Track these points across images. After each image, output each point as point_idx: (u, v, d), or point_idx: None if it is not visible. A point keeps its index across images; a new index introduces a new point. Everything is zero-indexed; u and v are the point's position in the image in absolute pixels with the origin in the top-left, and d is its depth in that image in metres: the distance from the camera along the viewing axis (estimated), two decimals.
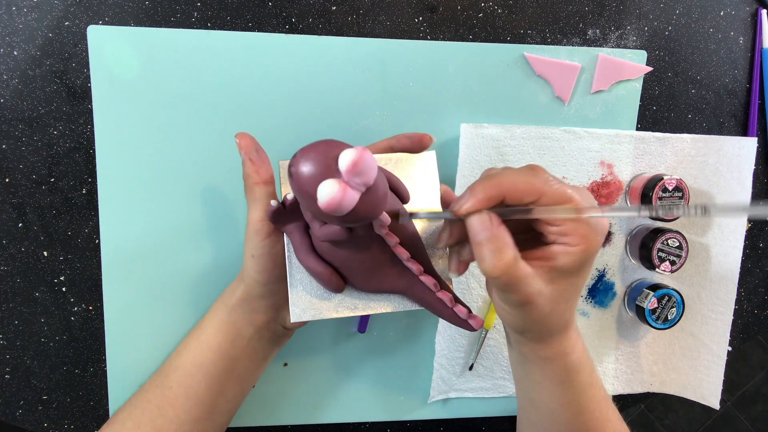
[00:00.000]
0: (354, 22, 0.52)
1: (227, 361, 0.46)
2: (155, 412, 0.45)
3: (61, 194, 0.51)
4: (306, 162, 0.31)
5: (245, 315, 0.45)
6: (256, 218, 0.40)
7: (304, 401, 0.55)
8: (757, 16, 0.58)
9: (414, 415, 0.58)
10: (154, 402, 0.45)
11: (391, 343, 0.56)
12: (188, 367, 0.45)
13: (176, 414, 0.45)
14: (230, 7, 0.51)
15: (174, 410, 0.45)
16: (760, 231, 0.62)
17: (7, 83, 0.49)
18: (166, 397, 0.45)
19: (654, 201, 0.53)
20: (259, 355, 0.48)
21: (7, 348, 0.52)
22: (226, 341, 0.45)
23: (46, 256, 0.51)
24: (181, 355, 0.46)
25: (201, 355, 0.46)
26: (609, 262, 0.58)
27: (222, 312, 0.46)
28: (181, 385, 0.45)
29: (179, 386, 0.45)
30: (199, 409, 0.45)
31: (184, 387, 0.45)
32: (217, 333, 0.46)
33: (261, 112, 0.51)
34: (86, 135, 0.50)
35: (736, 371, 1.50)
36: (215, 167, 0.51)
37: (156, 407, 0.45)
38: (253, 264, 0.42)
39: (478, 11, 0.54)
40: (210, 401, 0.45)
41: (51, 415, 0.53)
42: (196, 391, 0.45)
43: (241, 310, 0.45)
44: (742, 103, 0.60)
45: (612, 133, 0.56)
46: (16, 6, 0.48)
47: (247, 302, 0.45)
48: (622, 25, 0.56)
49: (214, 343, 0.45)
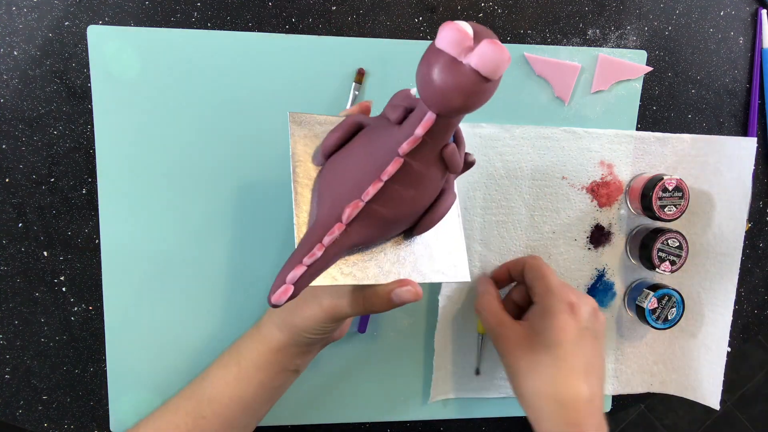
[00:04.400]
0: (354, 22, 0.52)
1: (269, 393, 0.47)
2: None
3: (61, 194, 0.51)
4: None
5: (292, 357, 0.46)
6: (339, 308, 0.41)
7: (304, 401, 0.55)
8: (757, 16, 0.58)
9: (414, 416, 0.58)
10: (184, 428, 0.46)
11: (391, 343, 0.56)
12: (225, 401, 0.46)
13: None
14: (230, 7, 0.51)
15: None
16: (760, 231, 0.62)
17: (7, 83, 0.49)
18: (199, 426, 0.46)
19: (654, 201, 0.53)
20: (296, 374, 0.49)
21: (7, 348, 0.52)
22: (269, 378, 0.46)
23: (46, 256, 0.51)
24: (216, 387, 0.46)
25: (241, 390, 0.46)
26: (609, 262, 0.58)
27: (264, 353, 0.45)
28: (217, 416, 0.46)
29: (215, 416, 0.46)
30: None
31: (221, 418, 0.46)
32: (259, 371, 0.46)
33: (261, 112, 0.51)
34: (86, 135, 0.50)
35: (736, 371, 1.50)
36: (215, 167, 0.51)
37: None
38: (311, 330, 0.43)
39: (478, 11, 0.54)
40: (244, 426, 0.47)
41: (51, 415, 0.53)
42: (231, 422, 0.46)
43: (289, 352, 0.45)
44: (742, 103, 0.60)
45: (612, 133, 0.56)
46: (16, 6, 0.48)
47: (296, 346, 0.45)
48: (622, 25, 0.56)
49: (256, 380, 0.46)
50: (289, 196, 0.52)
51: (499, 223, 0.55)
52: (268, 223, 0.52)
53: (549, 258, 0.56)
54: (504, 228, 0.55)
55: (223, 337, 0.53)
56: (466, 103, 0.30)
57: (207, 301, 0.53)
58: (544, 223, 0.56)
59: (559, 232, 0.56)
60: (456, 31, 0.28)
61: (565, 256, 0.57)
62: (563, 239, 0.56)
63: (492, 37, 0.29)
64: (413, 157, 0.34)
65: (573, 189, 0.56)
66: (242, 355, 0.46)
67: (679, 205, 0.53)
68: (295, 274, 0.34)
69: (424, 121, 0.32)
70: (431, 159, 0.35)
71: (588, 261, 0.57)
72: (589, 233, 0.57)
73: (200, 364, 0.53)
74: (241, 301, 0.53)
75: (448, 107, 0.31)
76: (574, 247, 0.57)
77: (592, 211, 0.57)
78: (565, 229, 0.56)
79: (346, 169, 0.37)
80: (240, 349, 0.47)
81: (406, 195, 0.35)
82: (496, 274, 0.55)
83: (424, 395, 0.57)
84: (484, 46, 0.28)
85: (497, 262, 0.56)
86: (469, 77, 0.29)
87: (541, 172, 0.55)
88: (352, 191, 0.35)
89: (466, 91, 0.29)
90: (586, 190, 0.56)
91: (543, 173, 0.55)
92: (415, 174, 0.35)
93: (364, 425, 0.58)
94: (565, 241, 0.56)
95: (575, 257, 0.57)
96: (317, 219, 0.36)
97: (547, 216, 0.56)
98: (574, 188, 0.56)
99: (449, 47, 0.29)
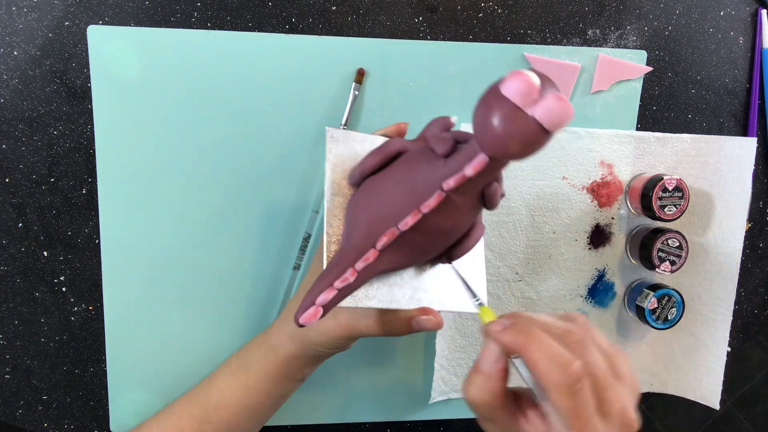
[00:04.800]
0: (354, 22, 0.52)
1: (274, 401, 0.47)
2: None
3: (61, 194, 0.51)
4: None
5: (300, 368, 0.46)
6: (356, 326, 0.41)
7: (304, 401, 0.55)
8: (757, 16, 0.58)
9: (414, 416, 0.58)
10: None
11: (391, 343, 0.56)
12: (232, 408, 0.46)
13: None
14: (230, 7, 0.51)
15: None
16: (760, 231, 0.62)
17: (7, 83, 0.49)
18: (204, 431, 0.46)
19: (654, 201, 0.53)
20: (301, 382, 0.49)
21: (7, 348, 0.52)
22: (276, 387, 0.46)
23: (46, 256, 0.51)
24: (223, 394, 0.46)
25: (247, 398, 0.46)
26: (609, 262, 0.58)
27: (272, 363, 0.46)
28: (223, 422, 0.46)
29: (220, 423, 0.46)
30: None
31: (226, 423, 0.46)
32: (267, 380, 0.46)
33: (261, 112, 0.51)
34: (86, 135, 0.50)
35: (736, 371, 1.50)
36: (215, 167, 0.51)
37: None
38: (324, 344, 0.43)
39: (478, 11, 0.54)
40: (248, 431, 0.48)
41: (51, 415, 0.53)
42: (236, 429, 0.46)
43: (298, 363, 0.45)
44: (742, 103, 0.60)
45: (612, 133, 0.56)
46: (16, 6, 0.48)
47: (305, 358, 0.45)
48: (622, 25, 0.56)
49: (264, 389, 0.46)
50: (290, 197, 0.53)
51: (499, 223, 0.55)
52: (269, 222, 0.52)
53: (549, 258, 0.56)
54: (504, 228, 0.55)
55: (222, 337, 0.53)
56: (523, 152, 0.30)
57: (207, 301, 0.53)
58: (545, 223, 0.56)
59: (559, 232, 0.56)
60: (525, 82, 0.29)
61: (565, 257, 0.57)
62: (563, 239, 0.56)
63: (557, 90, 0.29)
64: (455, 192, 0.34)
65: (573, 189, 0.56)
66: (250, 364, 0.46)
67: (679, 205, 0.53)
68: (326, 297, 0.34)
69: (476, 163, 0.32)
70: (473, 196, 0.35)
71: (588, 261, 0.57)
72: (590, 233, 0.57)
73: (200, 364, 0.53)
74: (241, 301, 0.53)
75: (505, 154, 0.31)
76: (575, 247, 0.57)
77: (593, 211, 0.57)
78: (565, 229, 0.56)
79: (384, 194, 0.36)
80: (248, 357, 0.47)
81: (442, 227, 0.36)
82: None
83: (425, 395, 0.57)
84: (551, 101, 0.28)
85: (497, 263, 0.56)
86: (532, 129, 0.29)
87: (542, 172, 0.55)
88: (388, 218, 0.35)
89: (527, 142, 0.29)
90: (587, 190, 0.56)
91: (543, 173, 0.55)
92: (454, 209, 0.35)
93: (364, 425, 0.58)
94: (566, 241, 0.56)
95: (575, 257, 0.57)
96: (351, 243, 0.36)
97: (547, 216, 0.56)
98: (575, 188, 0.56)
99: (516, 97, 0.29)
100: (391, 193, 0.36)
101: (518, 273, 0.56)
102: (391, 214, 0.35)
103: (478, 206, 0.37)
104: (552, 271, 0.57)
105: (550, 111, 0.28)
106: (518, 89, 0.29)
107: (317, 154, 0.52)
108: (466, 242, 0.39)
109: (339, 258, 0.35)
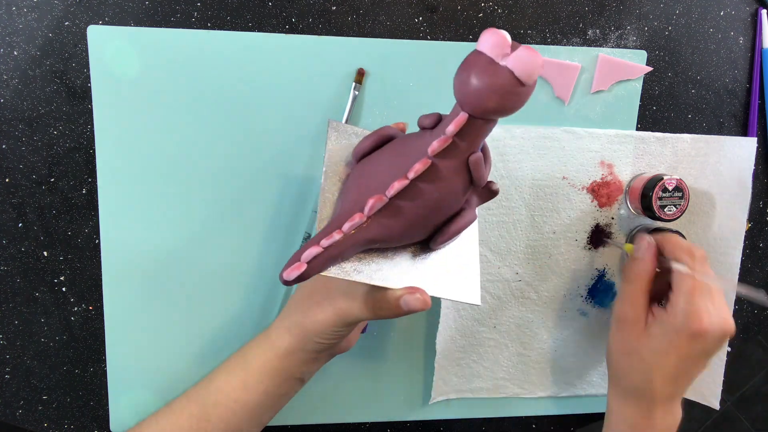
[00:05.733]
0: (354, 22, 0.52)
1: (274, 400, 0.47)
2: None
3: (61, 194, 0.51)
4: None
5: (299, 363, 0.46)
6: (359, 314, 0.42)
7: (304, 401, 0.55)
8: (757, 16, 0.58)
9: (414, 416, 0.58)
10: (188, 431, 0.46)
11: (391, 343, 0.56)
12: (231, 406, 0.46)
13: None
14: (230, 7, 0.51)
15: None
16: (760, 231, 0.62)
17: (7, 83, 0.49)
18: (203, 429, 0.46)
19: (654, 201, 0.53)
20: (301, 383, 0.48)
21: (7, 348, 0.52)
22: (275, 384, 0.46)
23: (46, 256, 0.51)
24: (222, 392, 0.46)
25: (246, 396, 0.46)
26: (609, 262, 0.58)
27: (271, 359, 0.46)
28: (222, 420, 0.46)
29: (219, 421, 0.46)
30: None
31: (225, 422, 0.46)
32: (265, 377, 0.46)
33: (261, 112, 0.51)
34: (86, 135, 0.50)
35: (736, 371, 1.50)
36: (215, 167, 0.51)
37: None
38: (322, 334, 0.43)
39: (478, 11, 0.54)
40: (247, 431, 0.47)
41: (51, 415, 0.53)
42: (234, 427, 0.46)
43: (296, 357, 0.45)
44: (742, 103, 0.60)
45: (612, 133, 0.56)
46: (16, 6, 0.48)
47: (304, 352, 0.45)
48: (622, 25, 0.56)
49: (261, 387, 0.46)
50: (290, 197, 0.53)
51: (499, 223, 0.55)
52: (269, 221, 0.52)
53: (549, 258, 0.56)
54: (504, 228, 0.55)
55: (222, 337, 0.53)
56: (499, 104, 0.32)
57: (207, 300, 0.53)
58: (545, 223, 0.56)
59: (559, 232, 0.56)
60: (497, 35, 0.31)
61: (565, 257, 0.57)
62: (564, 239, 0.56)
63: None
64: (440, 159, 0.35)
65: (573, 189, 0.56)
66: (249, 361, 0.46)
67: (679, 205, 0.53)
68: (311, 252, 0.35)
69: (456, 120, 0.34)
70: (458, 165, 0.36)
71: (588, 261, 0.57)
72: (590, 233, 0.57)
73: (200, 364, 0.53)
74: (241, 301, 0.53)
75: (483, 107, 0.33)
76: (575, 247, 0.57)
77: (593, 211, 0.57)
78: (565, 229, 0.56)
79: (374, 169, 0.38)
80: (247, 354, 0.47)
81: (429, 197, 0.36)
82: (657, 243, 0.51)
83: (425, 396, 0.57)
84: (521, 51, 0.31)
85: (497, 263, 0.56)
86: (505, 78, 0.31)
87: (542, 172, 0.55)
88: (377, 188, 0.36)
89: (501, 92, 0.32)
90: (587, 190, 0.56)
91: (543, 173, 0.55)
92: (441, 177, 0.36)
93: (364, 425, 0.58)
94: (566, 241, 0.56)
95: (575, 257, 0.57)
96: (340, 210, 0.37)
97: (547, 216, 0.56)
98: (575, 188, 0.56)
99: (489, 49, 0.31)
100: (382, 167, 0.38)
101: (518, 273, 0.56)
102: (381, 184, 0.36)
103: (465, 182, 0.37)
104: (552, 271, 0.57)
105: (522, 59, 0.31)
106: (491, 41, 0.31)
107: (317, 154, 0.52)
108: (454, 224, 0.39)
109: (328, 224, 0.36)
